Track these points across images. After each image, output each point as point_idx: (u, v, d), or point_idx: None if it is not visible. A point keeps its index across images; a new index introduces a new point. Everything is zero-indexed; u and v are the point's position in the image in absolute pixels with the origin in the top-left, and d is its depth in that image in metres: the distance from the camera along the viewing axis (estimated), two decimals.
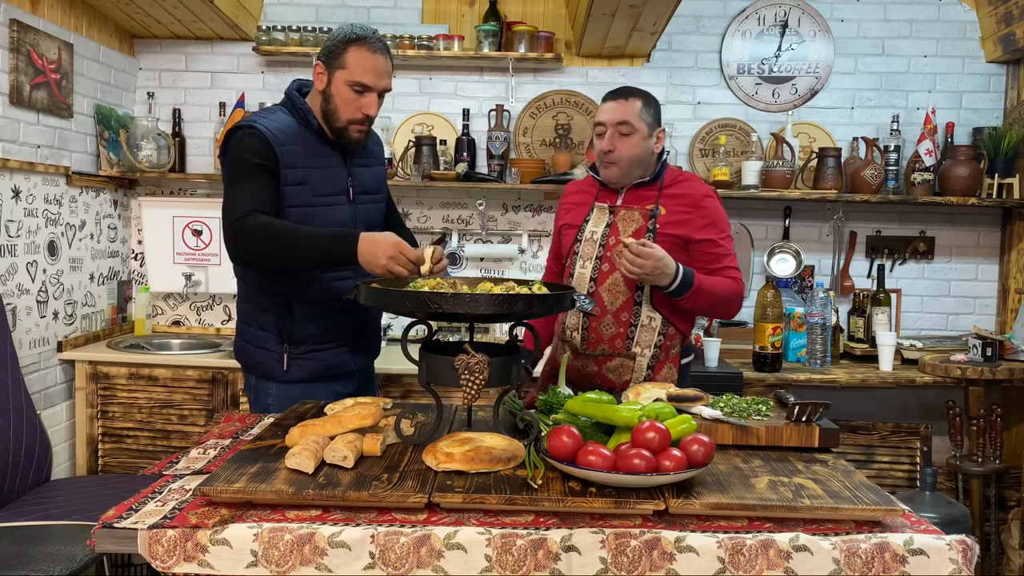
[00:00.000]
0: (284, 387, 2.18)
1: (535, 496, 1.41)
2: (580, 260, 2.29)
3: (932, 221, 3.77)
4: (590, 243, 2.28)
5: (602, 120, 2.22)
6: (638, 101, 2.21)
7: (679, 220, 2.22)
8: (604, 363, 2.26)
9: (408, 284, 1.84)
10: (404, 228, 2.39)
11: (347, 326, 2.21)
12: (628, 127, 2.18)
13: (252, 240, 1.94)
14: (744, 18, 3.74)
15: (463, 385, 1.61)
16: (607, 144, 2.20)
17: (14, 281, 2.93)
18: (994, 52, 3.64)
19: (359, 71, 2.04)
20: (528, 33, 3.58)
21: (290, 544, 1.33)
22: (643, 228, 2.22)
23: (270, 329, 2.15)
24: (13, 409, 2.51)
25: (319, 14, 3.77)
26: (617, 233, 2.24)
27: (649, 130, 2.22)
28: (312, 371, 2.17)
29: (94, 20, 3.42)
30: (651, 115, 2.23)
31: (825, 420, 1.80)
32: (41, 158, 3.08)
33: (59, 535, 2.17)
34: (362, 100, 2.06)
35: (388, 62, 2.10)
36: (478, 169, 3.70)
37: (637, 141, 2.20)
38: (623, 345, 2.24)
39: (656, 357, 2.25)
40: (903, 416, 3.54)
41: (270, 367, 2.17)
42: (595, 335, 2.25)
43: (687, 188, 2.27)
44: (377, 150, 2.33)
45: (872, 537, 1.36)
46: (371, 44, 2.06)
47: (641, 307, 2.23)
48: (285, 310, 2.13)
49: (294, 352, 2.15)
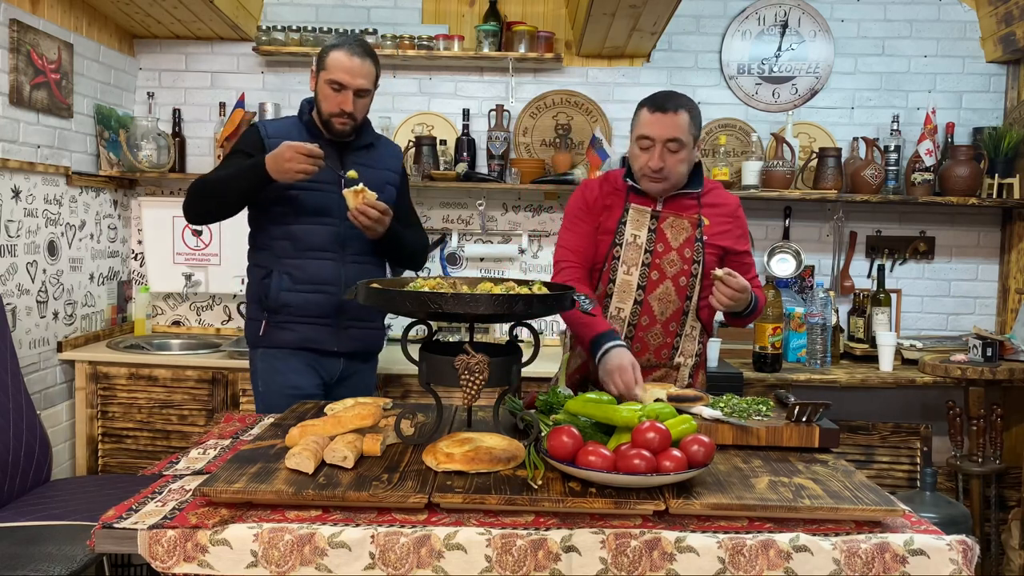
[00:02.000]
0: (266, 354, 2.41)
1: (535, 496, 1.41)
2: (623, 266, 2.18)
3: (932, 221, 3.77)
4: (633, 248, 2.17)
5: (649, 135, 2.08)
6: (686, 114, 2.08)
7: (721, 231, 2.20)
8: (648, 374, 2.20)
9: (408, 284, 1.84)
10: (414, 227, 2.57)
11: (323, 304, 2.37)
12: (678, 144, 2.06)
13: (193, 194, 2.34)
14: (744, 18, 3.74)
15: (463, 385, 1.61)
16: (657, 162, 2.07)
17: (14, 281, 2.92)
18: (994, 52, 3.64)
19: (335, 70, 2.30)
20: (528, 33, 3.58)
21: (290, 544, 1.33)
22: (692, 237, 2.18)
23: (254, 300, 2.42)
24: (13, 409, 2.51)
25: (319, 14, 3.77)
26: (666, 241, 2.17)
27: (694, 142, 2.12)
28: (288, 340, 2.38)
29: (94, 20, 3.42)
30: (696, 127, 2.12)
31: (825, 420, 1.80)
32: (41, 158, 3.08)
33: (59, 535, 2.16)
34: (339, 96, 2.31)
35: (366, 65, 2.33)
36: (478, 169, 3.70)
37: (685, 156, 2.09)
38: (668, 355, 2.23)
39: (696, 365, 2.27)
40: (903, 416, 3.54)
41: (253, 333, 2.43)
42: (640, 344, 2.20)
43: (719, 197, 2.24)
44: (389, 158, 2.52)
45: (872, 537, 1.36)
46: (349, 48, 2.31)
47: (687, 316, 2.22)
48: (266, 281, 2.37)
49: (272, 320, 2.38)
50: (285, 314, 2.36)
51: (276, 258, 2.36)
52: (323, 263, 2.35)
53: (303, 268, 2.35)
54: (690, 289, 2.17)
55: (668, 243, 2.17)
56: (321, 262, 2.35)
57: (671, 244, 2.17)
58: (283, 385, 2.36)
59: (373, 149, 2.46)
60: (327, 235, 2.35)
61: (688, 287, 2.18)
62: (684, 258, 2.17)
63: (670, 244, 2.17)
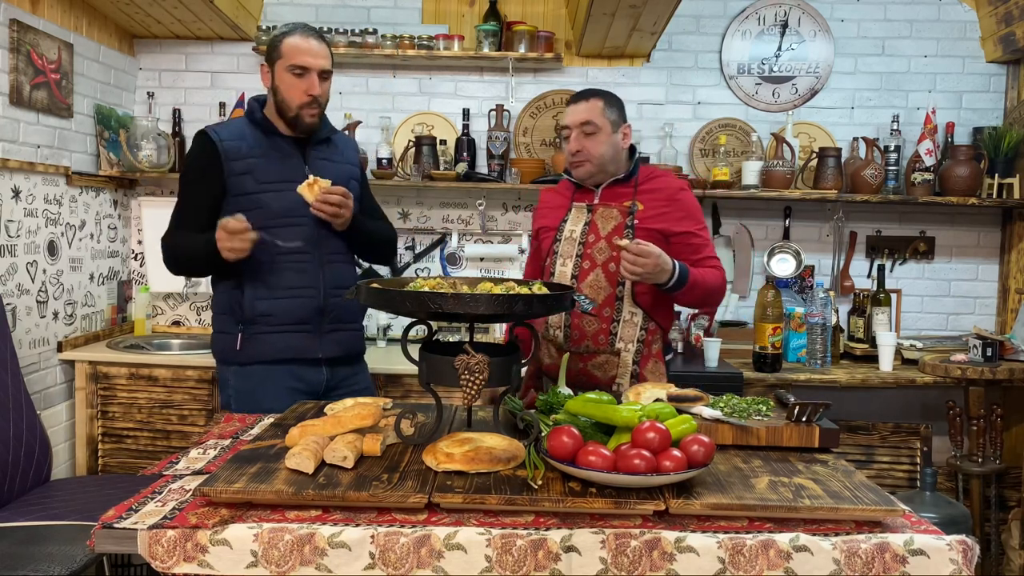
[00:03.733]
0: (242, 372, 2.26)
1: (535, 496, 1.41)
2: (560, 259, 2.31)
3: (932, 221, 3.77)
4: (569, 242, 2.30)
5: (567, 123, 2.28)
6: (599, 100, 2.26)
7: (657, 214, 2.26)
8: (589, 360, 2.27)
9: (409, 284, 1.84)
10: (381, 220, 2.50)
11: (303, 308, 2.25)
12: (592, 126, 2.24)
13: (166, 259, 2.28)
14: (744, 18, 3.74)
15: (463, 385, 1.61)
16: (574, 145, 2.26)
17: (14, 281, 2.93)
18: (994, 52, 3.64)
19: (295, 55, 2.20)
20: (528, 33, 3.58)
21: (290, 544, 1.33)
22: (622, 224, 2.26)
23: (227, 311, 2.27)
24: (13, 409, 2.51)
25: (319, 14, 3.77)
26: (596, 231, 2.27)
27: (614, 127, 2.26)
28: (266, 353, 2.24)
29: (94, 20, 3.42)
30: (614, 112, 2.27)
31: (825, 420, 1.80)
32: (41, 158, 3.08)
33: (59, 535, 2.17)
34: (304, 82, 2.21)
35: (323, 46, 2.25)
36: (478, 169, 3.70)
37: (603, 139, 2.25)
38: (607, 341, 2.27)
39: (640, 352, 2.28)
40: (903, 416, 3.54)
41: (226, 349, 2.27)
42: (578, 332, 2.27)
43: (661, 183, 2.32)
44: (347, 151, 2.44)
45: (872, 537, 1.36)
46: (302, 31, 2.23)
47: (623, 303, 2.26)
48: (237, 290, 2.24)
49: (248, 332, 2.24)
50: (263, 324, 2.23)
51: (247, 265, 2.19)
52: (299, 266, 2.24)
53: (278, 273, 2.23)
54: (620, 275, 2.21)
55: (598, 233, 2.27)
56: (297, 265, 2.24)
57: (600, 233, 2.27)
58: (260, 411, 2.15)
59: (332, 143, 2.38)
60: (299, 237, 2.23)
61: (618, 272, 2.22)
62: (613, 244, 2.24)
63: (600, 233, 2.27)
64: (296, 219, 2.22)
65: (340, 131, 2.50)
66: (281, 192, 2.21)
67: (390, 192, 3.78)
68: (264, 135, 2.27)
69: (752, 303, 3.67)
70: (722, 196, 3.62)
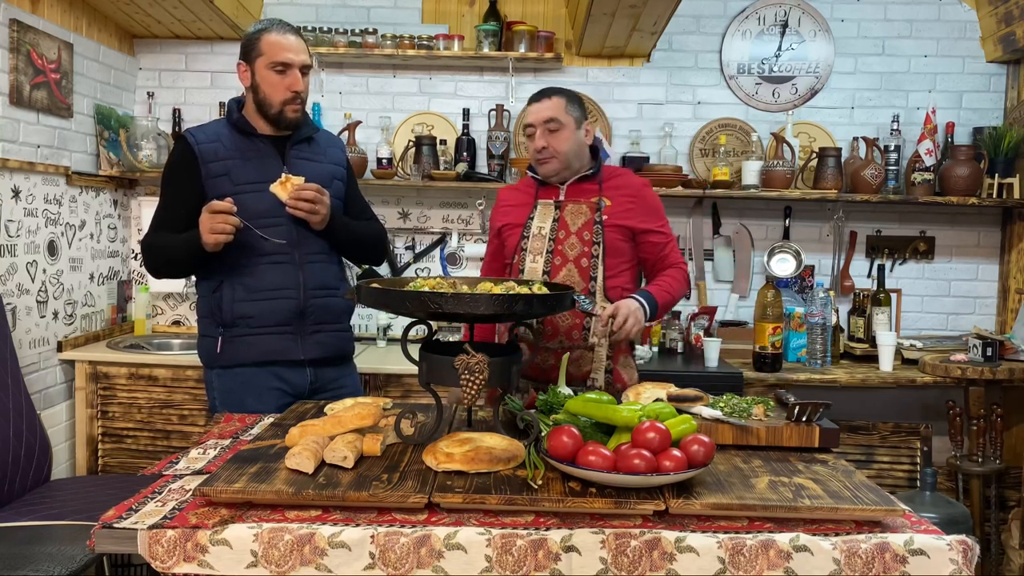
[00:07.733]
0: (224, 375, 2.23)
1: (535, 496, 1.41)
2: (529, 256, 2.32)
3: (932, 221, 3.77)
4: (539, 239, 2.32)
5: (530, 122, 2.31)
6: (561, 98, 2.29)
7: (623, 210, 2.30)
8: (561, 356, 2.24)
9: (409, 284, 1.84)
10: (369, 220, 2.46)
11: (283, 311, 2.21)
12: (556, 123, 2.26)
13: (146, 260, 2.25)
14: (744, 18, 3.74)
15: (463, 385, 1.61)
16: (540, 142, 2.28)
17: (14, 281, 2.92)
18: (994, 52, 3.64)
19: (277, 52, 2.18)
20: (528, 33, 3.58)
21: (290, 544, 1.33)
22: (591, 220, 2.29)
23: (206, 315, 2.25)
24: (13, 409, 2.51)
25: (319, 14, 3.77)
26: (566, 226, 2.30)
27: (576, 124, 2.30)
28: (247, 355, 2.20)
29: (94, 20, 3.42)
30: (576, 109, 2.30)
31: (825, 420, 1.80)
32: (41, 158, 3.08)
33: (59, 535, 2.16)
34: (286, 79, 2.19)
35: (300, 41, 2.24)
36: (478, 169, 3.70)
37: (568, 135, 2.28)
38: (580, 336, 2.28)
39: (612, 347, 2.30)
40: (903, 416, 3.53)
41: (209, 352, 2.25)
42: (551, 327, 2.28)
43: (624, 180, 2.37)
44: (331, 150, 2.39)
45: (872, 537, 1.36)
46: (279, 28, 2.22)
47: (595, 297, 2.27)
48: (217, 293, 2.21)
49: (228, 335, 2.21)
50: (243, 327, 2.19)
51: (226, 267, 2.17)
52: (278, 267, 2.19)
53: (257, 275, 2.18)
54: (593, 269, 2.26)
55: (568, 229, 2.30)
56: (276, 266, 2.19)
57: (571, 229, 2.30)
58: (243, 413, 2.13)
59: (314, 142, 2.33)
60: (279, 237, 2.18)
61: (591, 267, 2.26)
62: (584, 240, 2.28)
63: (570, 229, 2.30)
64: (274, 219, 2.18)
65: (324, 129, 2.46)
66: (259, 193, 2.17)
67: (390, 192, 3.78)
68: (242, 136, 2.24)
69: (752, 303, 3.67)
70: (722, 196, 3.62)
